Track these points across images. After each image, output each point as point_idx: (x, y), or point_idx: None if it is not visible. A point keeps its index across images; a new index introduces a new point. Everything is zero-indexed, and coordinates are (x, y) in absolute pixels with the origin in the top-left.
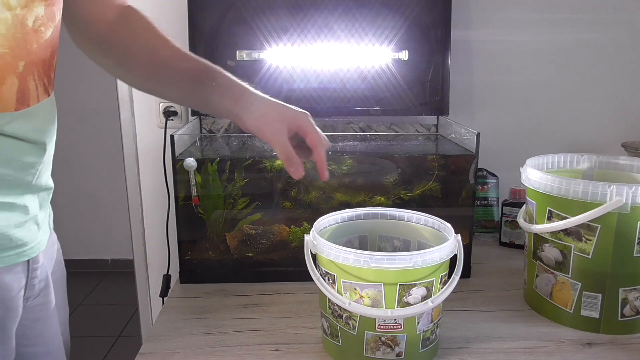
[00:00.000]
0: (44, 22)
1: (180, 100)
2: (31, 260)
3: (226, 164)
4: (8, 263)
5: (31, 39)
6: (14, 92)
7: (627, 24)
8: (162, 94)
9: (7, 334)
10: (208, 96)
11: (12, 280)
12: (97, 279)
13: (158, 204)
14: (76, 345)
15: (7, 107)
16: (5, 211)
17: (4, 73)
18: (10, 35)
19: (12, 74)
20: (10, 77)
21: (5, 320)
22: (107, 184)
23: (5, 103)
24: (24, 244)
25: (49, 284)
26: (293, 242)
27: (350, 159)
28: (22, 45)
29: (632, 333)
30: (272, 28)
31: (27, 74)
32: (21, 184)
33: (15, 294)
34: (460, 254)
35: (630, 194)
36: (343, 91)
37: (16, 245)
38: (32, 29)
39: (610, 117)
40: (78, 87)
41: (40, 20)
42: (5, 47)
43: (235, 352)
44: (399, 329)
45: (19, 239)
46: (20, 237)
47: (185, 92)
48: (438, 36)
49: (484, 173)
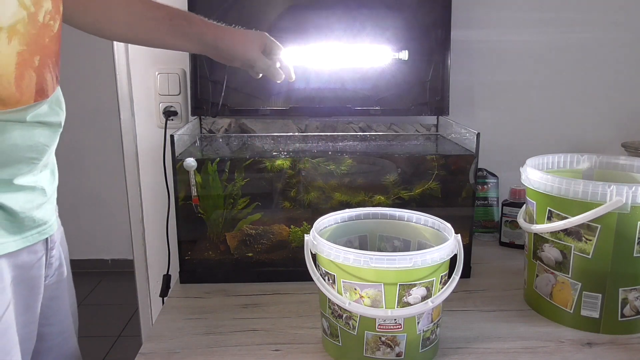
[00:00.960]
0: (52, 16)
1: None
2: (49, 239)
3: (226, 164)
4: (32, 242)
5: (43, 34)
6: (32, 85)
7: (627, 24)
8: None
9: (32, 313)
10: (186, 36)
11: (34, 259)
12: (97, 279)
13: (158, 204)
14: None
15: (28, 100)
16: (29, 193)
17: (23, 69)
18: (27, 32)
19: (30, 69)
20: (28, 72)
21: (29, 299)
22: (107, 184)
23: (26, 97)
24: (43, 223)
25: (62, 262)
26: (293, 242)
27: (350, 159)
28: (36, 40)
29: (632, 333)
30: (272, 28)
31: (43, 67)
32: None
33: (36, 272)
34: (460, 254)
35: (630, 194)
36: (343, 91)
37: (37, 225)
38: (43, 24)
39: (610, 117)
40: (78, 87)
41: (49, 14)
42: (24, 45)
43: (235, 352)
44: (399, 329)
45: (40, 219)
46: (40, 217)
47: (163, 36)
48: (438, 36)
49: (484, 173)
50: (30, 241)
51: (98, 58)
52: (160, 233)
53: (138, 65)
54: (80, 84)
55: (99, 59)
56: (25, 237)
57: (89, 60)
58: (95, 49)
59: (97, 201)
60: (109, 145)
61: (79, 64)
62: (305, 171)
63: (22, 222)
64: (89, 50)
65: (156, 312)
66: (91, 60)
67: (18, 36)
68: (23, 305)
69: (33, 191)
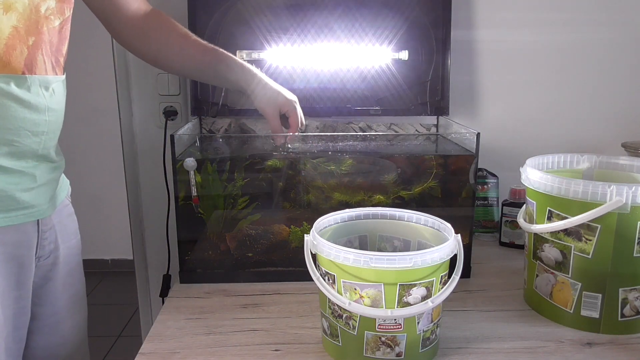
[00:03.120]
0: (54, 13)
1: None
2: (40, 222)
3: (226, 164)
4: (16, 222)
5: (42, 23)
6: (22, 58)
7: (628, 24)
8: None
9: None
10: (225, 81)
11: (23, 239)
12: (97, 279)
13: (158, 204)
14: None
15: (16, 70)
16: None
17: (15, 41)
18: (26, 15)
19: (23, 44)
20: (20, 46)
21: (19, 276)
22: (107, 184)
23: (15, 66)
24: (31, 206)
25: (58, 246)
26: (293, 242)
27: (350, 159)
28: (34, 25)
29: (632, 333)
30: (272, 28)
31: (36, 49)
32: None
33: (26, 251)
34: (460, 254)
35: (630, 194)
36: (343, 91)
37: (23, 207)
38: (44, 15)
39: (610, 117)
40: (78, 87)
41: (51, 10)
42: (20, 23)
43: (235, 352)
44: (399, 329)
45: (26, 202)
46: (26, 199)
47: (208, 77)
48: (438, 36)
49: (484, 173)
50: (14, 221)
51: (98, 58)
52: (160, 233)
53: (138, 65)
54: (80, 84)
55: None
56: (8, 216)
57: (89, 60)
58: (96, 49)
59: (97, 201)
60: (109, 145)
61: (79, 64)
62: (305, 171)
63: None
64: (89, 50)
65: (156, 312)
66: (91, 60)
67: (16, 14)
68: (15, 282)
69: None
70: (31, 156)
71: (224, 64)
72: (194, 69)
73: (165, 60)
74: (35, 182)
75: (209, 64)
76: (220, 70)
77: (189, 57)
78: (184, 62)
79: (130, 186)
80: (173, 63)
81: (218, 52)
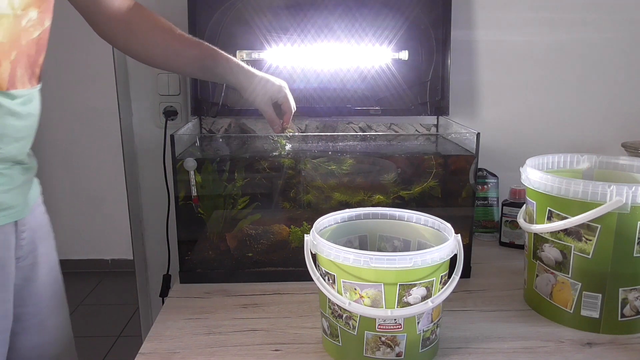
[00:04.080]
0: (34, 25)
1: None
2: (19, 222)
3: (226, 164)
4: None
5: (23, 36)
6: (7, 75)
7: (627, 24)
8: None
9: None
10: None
11: (2, 240)
12: (97, 279)
13: (158, 204)
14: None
15: (1, 87)
16: None
17: (1, 58)
18: (10, 29)
19: (7, 60)
20: (5, 62)
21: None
22: (107, 184)
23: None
24: (9, 207)
25: (36, 246)
26: (293, 242)
27: (350, 159)
28: (16, 38)
29: (632, 333)
30: (272, 28)
31: (17, 63)
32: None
33: (5, 253)
34: (460, 254)
35: (630, 194)
36: (343, 91)
37: (3, 208)
38: (24, 28)
39: (610, 117)
40: (78, 87)
41: (32, 22)
42: (5, 38)
43: (235, 352)
44: (399, 329)
45: (6, 203)
46: (5, 201)
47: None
48: (438, 36)
49: (484, 173)
50: None
51: (98, 58)
52: (160, 233)
53: (138, 65)
54: (80, 84)
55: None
56: None
57: (89, 60)
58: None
59: (97, 201)
60: (109, 145)
61: (79, 64)
62: (305, 171)
63: None
64: (89, 50)
65: (156, 312)
66: (91, 60)
67: (2, 29)
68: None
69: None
70: (9, 160)
71: (210, 59)
72: (180, 63)
73: (150, 55)
74: (12, 183)
75: (195, 58)
76: (207, 64)
77: (174, 51)
78: (168, 57)
79: (130, 186)
80: (158, 57)
81: (203, 46)
